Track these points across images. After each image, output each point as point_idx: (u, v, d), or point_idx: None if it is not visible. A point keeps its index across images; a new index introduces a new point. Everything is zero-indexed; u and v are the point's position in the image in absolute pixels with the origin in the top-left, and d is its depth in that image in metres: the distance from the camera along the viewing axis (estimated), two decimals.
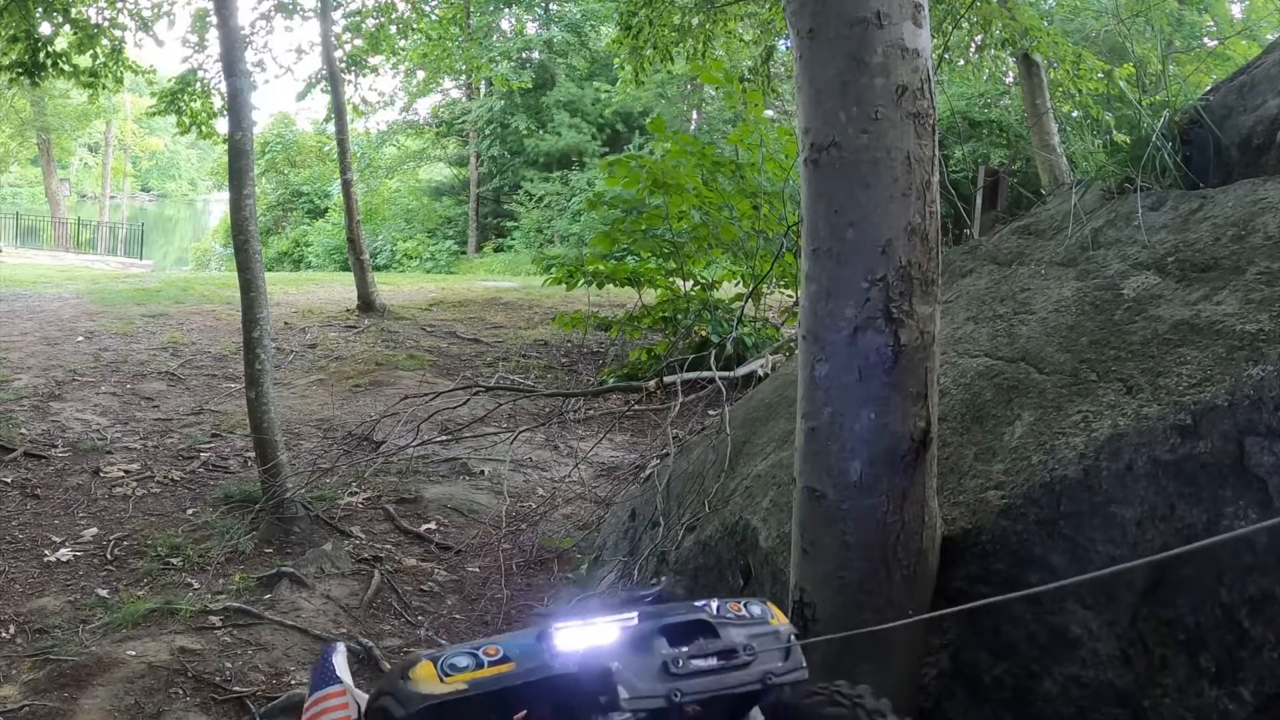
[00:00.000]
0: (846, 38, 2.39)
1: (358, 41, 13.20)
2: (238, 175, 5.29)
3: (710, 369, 6.24)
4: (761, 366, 6.88)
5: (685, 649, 1.69)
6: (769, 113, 14.07)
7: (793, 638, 1.78)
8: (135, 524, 5.23)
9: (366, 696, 3.00)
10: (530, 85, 22.73)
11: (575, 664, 1.67)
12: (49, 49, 9.55)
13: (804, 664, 1.75)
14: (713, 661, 1.69)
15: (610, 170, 8.86)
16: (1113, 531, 2.27)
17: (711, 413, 5.82)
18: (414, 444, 5.97)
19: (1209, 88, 4.03)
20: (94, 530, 5.12)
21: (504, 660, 1.70)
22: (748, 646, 1.71)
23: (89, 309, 11.07)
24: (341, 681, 2.81)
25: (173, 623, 4.15)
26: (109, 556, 4.82)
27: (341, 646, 2.92)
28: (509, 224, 25.11)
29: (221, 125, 11.94)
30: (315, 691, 2.92)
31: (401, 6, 13.46)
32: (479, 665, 1.69)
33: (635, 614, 1.74)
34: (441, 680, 1.65)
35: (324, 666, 2.89)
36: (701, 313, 8.53)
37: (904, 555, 2.38)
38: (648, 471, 5.46)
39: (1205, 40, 16.27)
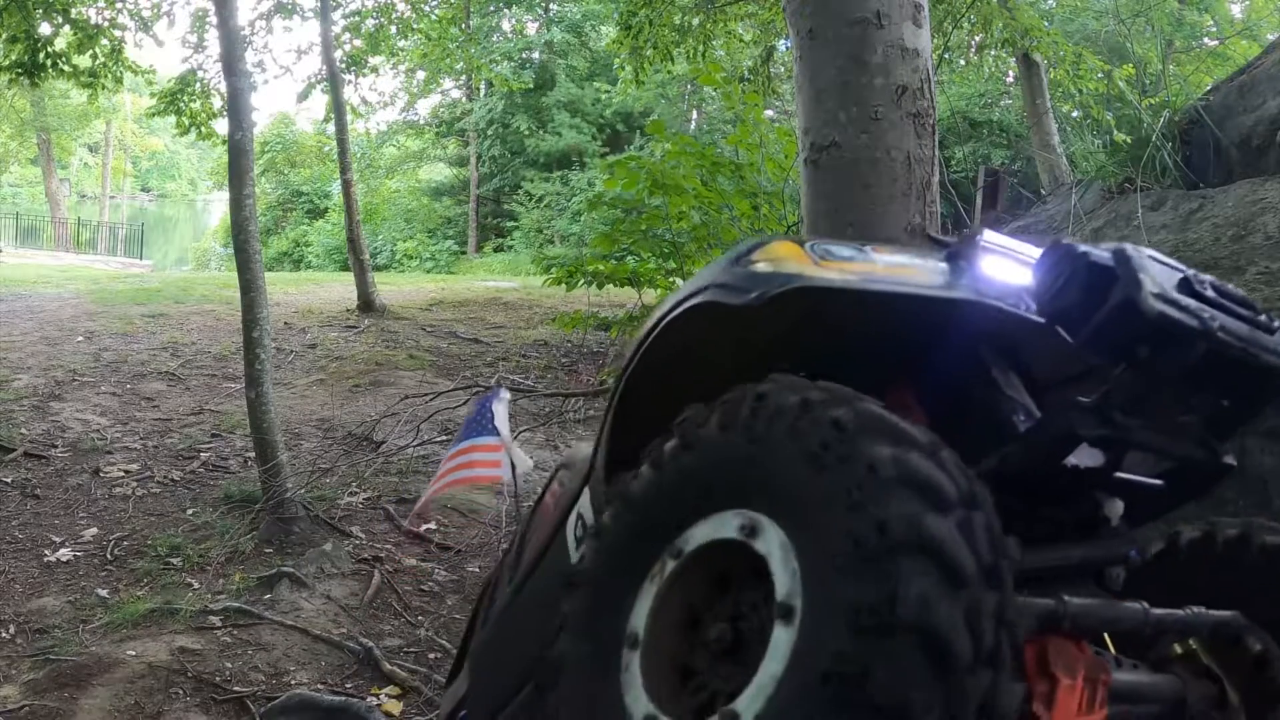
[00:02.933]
0: (846, 38, 2.39)
1: (357, 42, 13.19)
2: (238, 175, 5.30)
3: None
4: None
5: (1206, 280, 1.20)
6: (769, 113, 14.06)
7: None
8: (135, 524, 5.23)
9: (522, 456, 2.84)
10: (531, 85, 22.73)
11: (1020, 297, 1.20)
12: (49, 49, 9.55)
13: None
14: (1243, 313, 1.23)
15: (610, 171, 8.86)
16: None
17: None
18: (414, 444, 5.97)
19: (1209, 88, 4.03)
20: (94, 530, 5.12)
21: (905, 265, 1.29)
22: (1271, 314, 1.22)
23: (89, 309, 11.07)
24: (499, 434, 2.61)
25: (173, 623, 4.15)
26: (109, 556, 4.82)
27: (505, 394, 2.64)
28: (509, 224, 25.10)
29: (221, 125, 11.93)
30: (465, 440, 2.69)
31: (401, 7, 13.47)
32: (869, 260, 1.27)
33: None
34: (816, 264, 1.25)
35: (481, 413, 2.64)
36: None
37: None
38: None
39: (1205, 40, 16.27)
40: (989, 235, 1.32)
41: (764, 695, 1.02)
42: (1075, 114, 9.64)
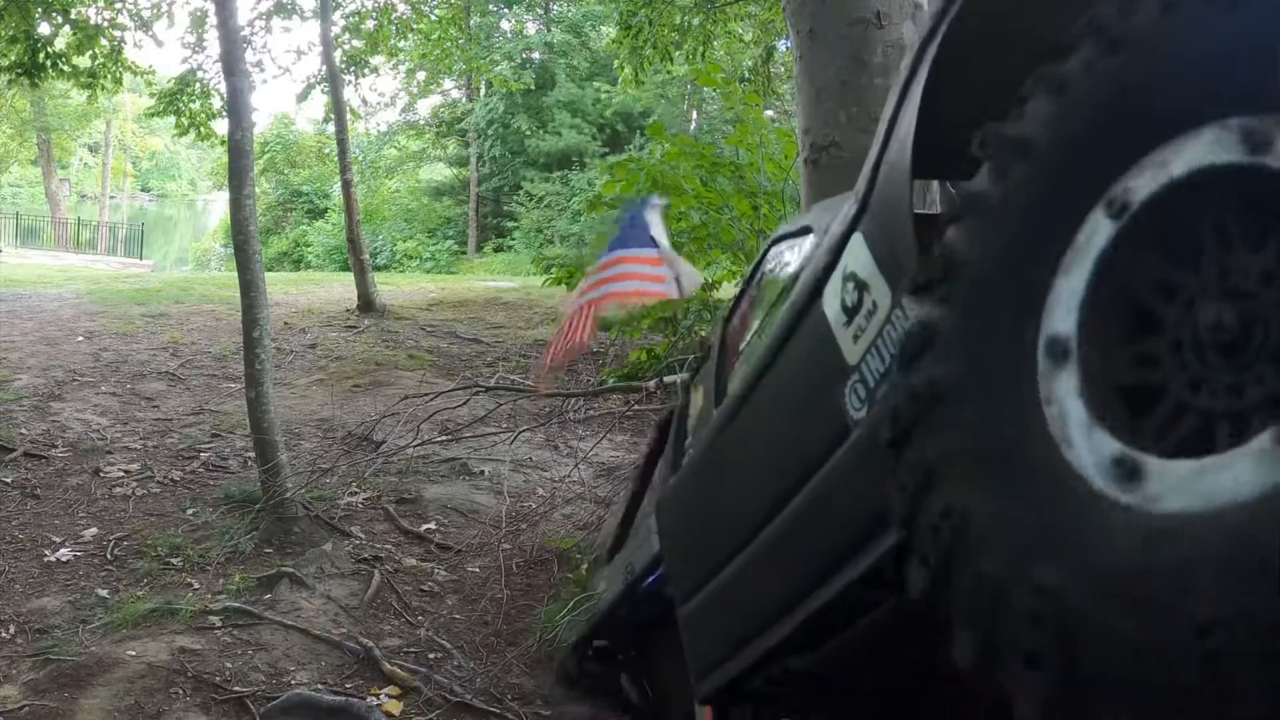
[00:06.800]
0: (846, 38, 2.39)
1: (357, 42, 13.20)
2: (237, 175, 5.30)
3: None
4: None
5: None
6: (769, 113, 14.06)
7: None
8: (135, 524, 5.23)
9: (691, 270, 2.52)
10: (531, 86, 22.72)
11: None
12: (48, 49, 9.56)
13: None
14: None
15: (610, 173, 8.86)
16: None
17: None
18: (414, 444, 5.97)
19: None
20: (94, 530, 5.12)
21: None
22: None
23: (89, 309, 11.06)
24: (659, 246, 2.32)
25: (173, 623, 4.15)
26: (109, 556, 4.82)
27: (657, 201, 2.39)
28: (509, 224, 25.10)
29: (220, 126, 11.94)
30: (617, 250, 2.40)
31: (401, 7, 13.47)
32: None
33: None
34: None
35: (634, 224, 2.38)
36: (701, 313, 8.52)
37: None
38: None
39: None
40: None
41: None
42: None
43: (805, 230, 1.95)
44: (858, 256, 1.39)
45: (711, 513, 1.91)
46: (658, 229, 2.24)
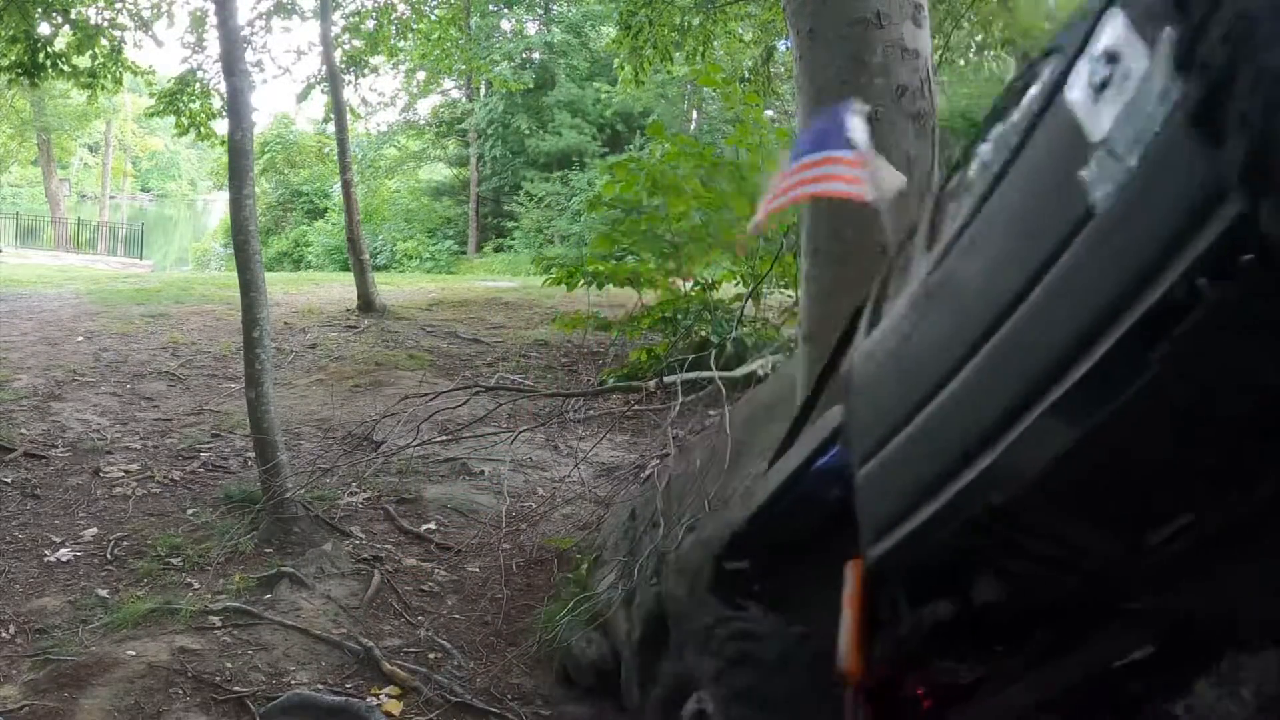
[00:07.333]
0: (846, 38, 2.40)
1: (357, 43, 13.20)
2: (237, 175, 5.30)
3: (710, 369, 6.23)
4: (761, 367, 6.87)
5: None
6: (769, 113, 14.06)
7: None
8: (135, 524, 5.23)
9: (894, 175, 2.41)
10: (531, 86, 22.74)
11: None
12: (48, 49, 9.56)
13: None
14: None
15: (610, 174, 8.87)
16: None
17: (711, 413, 5.81)
18: (414, 444, 5.97)
19: None
20: (94, 530, 5.12)
21: None
22: None
23: (89, 309, 11.07)
24: (862, 148, 2.29)
25: (173, 623, 4.15)
26: (109, 556, 4.82)
27: (857, 106, 2.34)
28: (509, 224, 25.10)
29: (220, 126, 11.94)
30: (816, 151, 2.37)
31: (401, 7, 13.47)
32: None
33: None
34: None
35: (834, 124, 2.34)
36: (701, 313, 8.52)
37: None
38: (647, 472, 5.46)
39: None
40: None
41: None
42: None
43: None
44: (1112, 28, 1.32)
45: (913, 355, 1.77)
46: (857, 131, 2.22)
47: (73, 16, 9.93)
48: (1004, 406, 1.42)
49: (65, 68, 9.86)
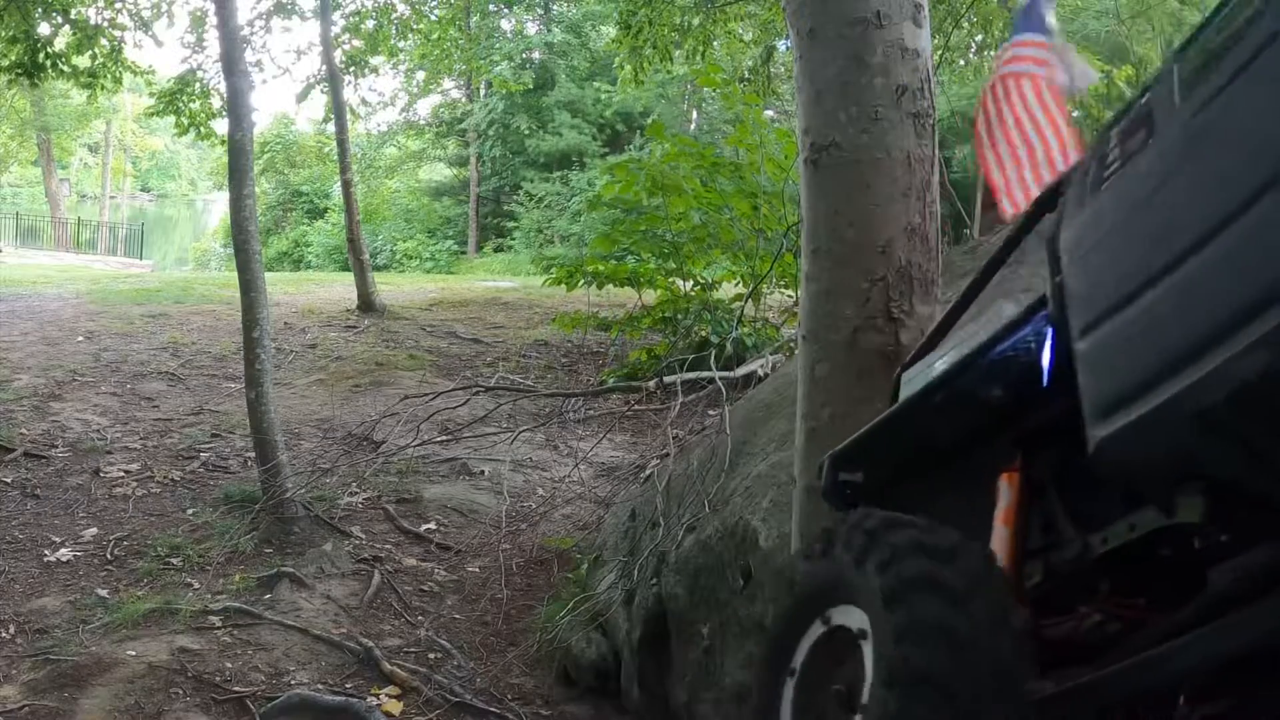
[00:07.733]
0: (846, 38, 2.39)
1: (357, 42, 13.19)
2: (237, 175, 5.30)
3: (710, 369, 6.23)
4: (761, 366, 6.87)
5: None
6: (769, 113, 14.08)
7: None
8: (135, 524, 5.23)
9: (1085, 68, 2.41)
10: (530, 86, 22.74)
11: None
12: (48, 50, 9.56)
13: None
14: None
15: (610, 174, 8.87)
16: None
17: (711, 413, 5.82)
18: (414, 444, 5.97)
19: None
20: (94, 530, 5.12)
21: None
22: None
23: (89, 309, 11.06)
24: (1050, 34, 2.31)
25: (173, 623, 4.15)
26: (109, 556, 4.82)
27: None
28: (509, 224, 25.11)
29: (220, 126, 11.93)
30: (1016, 35, 2.44)
31: (401, 7, 13.47)
32: None
33: None
34: None
35: (1032, 10, 2.40)
36: (701, 313, 8.52)
37: None
38: (648, 472, 5.47)
39: None
40: None
41: None
42: (1075, 114, 9.64)
43: None
44: None
45: (1167, 204, 1.38)
46: (1053, 18, 2.24)
47: (73, 16, 9.92)
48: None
49: (65, 68, 9.86)
